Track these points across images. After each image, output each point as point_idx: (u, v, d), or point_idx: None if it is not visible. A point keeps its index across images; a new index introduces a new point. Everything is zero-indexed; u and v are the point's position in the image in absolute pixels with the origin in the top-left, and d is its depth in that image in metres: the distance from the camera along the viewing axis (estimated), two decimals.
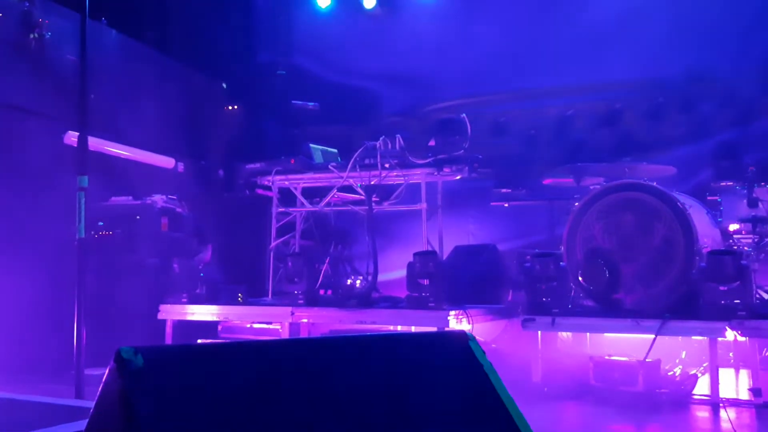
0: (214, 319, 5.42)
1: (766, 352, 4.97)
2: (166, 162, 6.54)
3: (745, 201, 4.81)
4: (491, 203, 6.91)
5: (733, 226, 4.92)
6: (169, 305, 5.39)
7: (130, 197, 5.79)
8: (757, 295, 4.66)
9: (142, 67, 6.56)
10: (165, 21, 6.95)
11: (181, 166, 6.56)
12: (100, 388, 1.09)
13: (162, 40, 6.84)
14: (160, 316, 5.39)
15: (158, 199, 5.68)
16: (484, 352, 1.35)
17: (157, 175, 6.42)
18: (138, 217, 5.63)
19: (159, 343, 5.23)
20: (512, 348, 5.31)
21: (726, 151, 5.09)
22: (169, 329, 5.37)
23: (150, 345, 1.15)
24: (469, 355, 1.33)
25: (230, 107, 7.51)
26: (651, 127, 5.48)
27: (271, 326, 5.38)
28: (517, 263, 5.73)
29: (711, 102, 5.27)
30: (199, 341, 5.31)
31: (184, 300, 5.34)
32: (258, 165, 5.76)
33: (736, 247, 4.81)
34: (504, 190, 7.00)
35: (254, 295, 5.78)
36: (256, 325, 5.46)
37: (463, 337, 1.36)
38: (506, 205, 6.96)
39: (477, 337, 4.77)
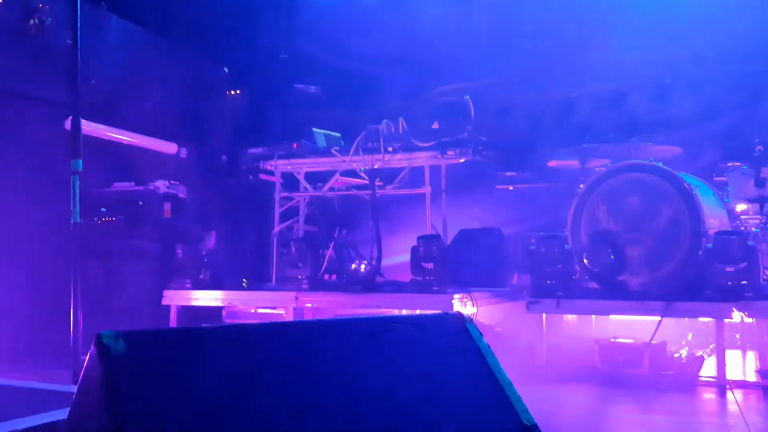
0: (219, 304, 5.42)
1: None
2: (168, 147, 6.51)
3: (752, 181, 4.75)
4: (496, 186, 6.86)
5: (741, 207, 4.86)
6: (173, 291, 5.39)
7: (133, 183, 5.78)
8: (765, 276, 4.62)
9: (144, 52, 6.52)
10: (166, 5, 6.89)
11: (183, 152, 6.53)
12: (81, 373, 1.06)
13: (163, 24, 6.79)
14: (164, 302, 5.39)
15: (161, 185, 5.66)
16: (481, 334, 1.33)
17: (159, 160, 6.40)
18: (141, 203, 5.61)
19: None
20: (517, 331, 5.29)
21: (733, 131, 5.02)
22: (173, 315, 5.37)
23: (132, 330, 1.13)
24: (467, 336, 1.31)
25: (233, 92, 7.46)
26: (657, 109, 5.42)
27: (275, 311, 5.38)
28: (522, 246, 5.69)
29: (718, 83, 5.19)
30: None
31: (188, 286, 5.34)
32: (260, 150, 5.74)
33: (743, 228, 4.76)
34: (509, 173, 6.95)
35: (258, 281, 5.78)
36: (260, 311, 5.46)
37: (460, 318, 1.33)
38: (511, 188, 6.91)
39: (482, 321, 4.75)
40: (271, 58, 7.79)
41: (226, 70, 7.53)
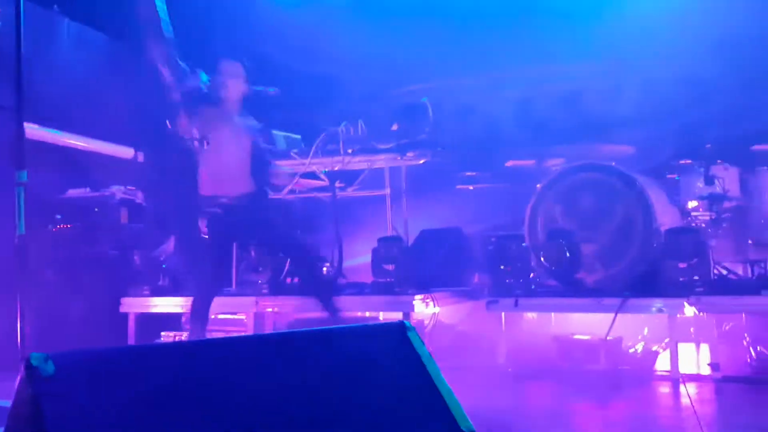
0: (179, 310, 5.36)
1: (725, 327, 5.07)
2: (124, 152, 6.41)
3: (702, 179, 4.88)
4: (456, 186, 6.91)
5: (692, 204, 4.99)
6: (131, 298, 5.31)
7: (88, 189, 5.68)
8: (715, 271, 4.74)
9: (98, 55, 6.41)
10: (120, 8, 6.78)
11: (140, 156, 6.43)
12: (14, 395, 1.05)
13: (118, 28, 6.68)
14: (122, 310, 5.32)
15: (117, 191, 5.58)
16: (422, 342, 1.34)
17: (116, 165, 6.30)
18: (96, 209, 5.53)
19: (121, 338, 5.16)
20: (478, 330, 5.35)
21: (684, 130, 5.15)
22: (131, 323, 5.30)
23: (63, 351, 1.12)
24: (408, 345, 1.32)
25: None
26: (610, 108, 5.52)
27: (235, 316, 5.34)
28: (481, 246, 5.76)
29: (668, 83, 5.31)
30: (162, 334, 5.26)
31: (147, 292, 5.27)
32: None
33: (694, 225, 4.88)
34: (469, 174, 7.00)
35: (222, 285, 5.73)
36: (220, 316, 5.41)
37: (401, 327, 1.34)
38: (471, 188, 6.96)
39: (444, 320, 4.77)
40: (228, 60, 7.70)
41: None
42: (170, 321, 5.45)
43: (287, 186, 5.58)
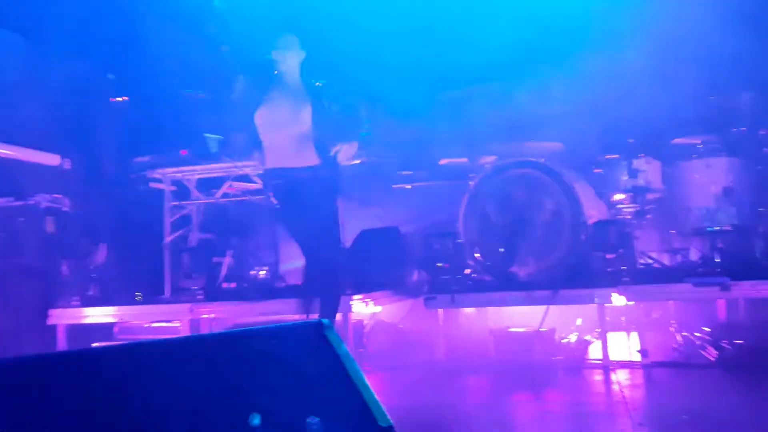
0: (110, 320, 5.22)
1: (654, 314, 5.25)
2: (50, 159, 6.19)
3: (626, 172, 5.04)
4: (393, 186, 6.94)
5: (617, 197, 5.15)
6: (59, 309, 5.14)
7: (12, 198, 5.46)
8: (641, 261, 4.91)
9: (18, 59, 6.17)
10: (43, 9, 6.55)
11: (67, 163, 6.23)
12: None
13: (39, 30, 6.45)
14: (50, 322, 5.14)
15: (42, 199, 5.38)
16: (341, 341, 1.35)
17: (41, 173, 6.07)
18: (21, 219, 5.32)
19: (50, 350, 4.98)
20: (418, 327, 5.40)
21: (608, 125, 5.31)
22: (61, 334, 5.12)
23: None
24: (325, 344, 1.32)
25: (119, 98, 7.18)
26: (540, 106, 5.64)
27: (170, 324, 5.23)
28: (419, 244, 5.80)
29: (593, 80, 5.47)
30: (94, 345, 5.10)
31: (76, 303, 5.11)
32: (148, 158, 5.56)
33: (619, 217, 5.04)
34: (405, 172, 7.05)
35: (155, 293, 5.60)
36: (155, 324, 5.29)
37: (318, 326, 1.34)
38: (409, 186, 7.01)
39: (384, 319, 4.79)
40: (159, 63, 7.55)
41: (111, 76, 7.23)
42: (102, 331, 5.30)
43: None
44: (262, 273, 5.71)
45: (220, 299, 4.99)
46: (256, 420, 1.23)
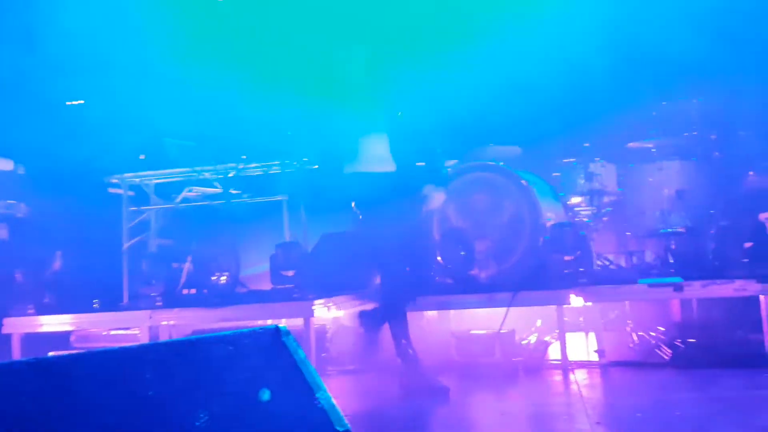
0: (67, 328, 5.11)
1: (611, 315, 5.37)
2: (3, 164, 6.05)
3: (582, 175, 5.15)
4: None
5: (574, 200, 5.25)
6: (13, 318, 5.01)
7: None
8: (598, 263, 5.02)
9: None
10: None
11: (21, 168, 6.09)
12: None
13: None
14: (4, 331, 5.01)
15: None
16: (298, 345, 1.36)
17: None
18: None
19: (4, 359, 4.86)
20: (382, 330, 5.40)
21: (565, 130, 5.42)
22: (16, 344, 5.00)
23: None
24: (283, 350, 1.33)
25: (75, 102, 7.04)
26: (498, 110, 5.72)
27: (129, 332, 5.15)
28: None
29: (549, 86, 5.57)
30: (50, 354, 4.99)
31: (31, 311, 4.99)
32: (105, 162, 5.47)
33: (576, 219, 5.15)
34: None
35: (113, 301, 5.51)
36: (113, 332, 5.20)
37: (275, 332, 1.35)
38: None
39: (346, 323, 4.78)
40: (117, 64, 7.42)
41: (65, 78, 7.08)
42: (58, 340, 5.19)
43: None
44: (223, 279, 5.66)
45: (179, 305, 4.93)
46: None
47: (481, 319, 5.13)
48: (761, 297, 4.13)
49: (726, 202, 5.00)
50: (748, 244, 4.24)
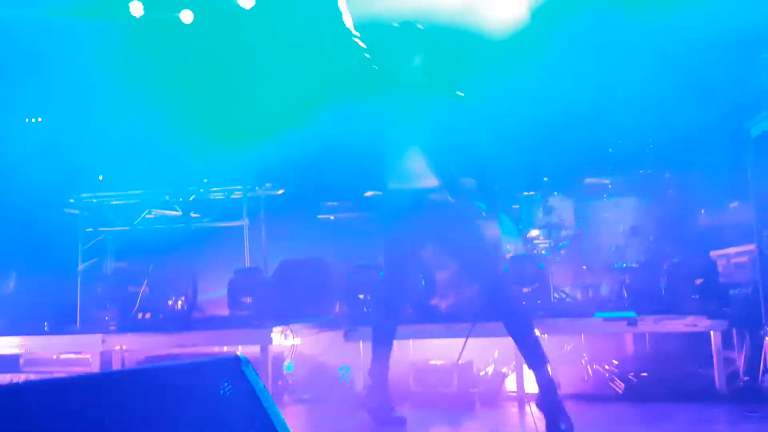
0: (16, 351, 4.95)
1: (566, 347, 5.43)
2: None
3: (541, 209, 5.25)
4: (317, 216, 6.94)
5: (534, 232, 5.34)
6: None
7: None
8: (555, 295, 5.09)
9: None
10: None
11: None
12: None
13: None
14: None
15: None
16: (257, 376, 1.35)
17: None
18: None
19: None
20: (339, 360, 5.37)
21: (525, 165, 5.52)
22: None
23: None
24: (243, 380, 1.32)
25: (32, 119, 6.91)
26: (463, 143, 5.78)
27: (80, 356, 5.02)
28: (342, 275, 5.81)
29: (510, 122, 5.68)
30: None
31: None
32: (62, 181, 5.38)
33: (535, 252, 5.23)
34: (330, 203, 7.06)
35: (66, 323, 5.37)
36: (63, 356, 5.06)
37: (235, 362, 1.34)
38: (332, 217, 7.02)
39: (304, 351, 4.73)
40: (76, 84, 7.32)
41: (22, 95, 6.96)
42: (6, 363, 5.02)
43: None
44: (179, 303, 5.58)
45: (133, 330, 4.83)
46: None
47: (439, 349, 5.14)
48: (711, 333, 4.24)
49: (678, 239, 5.15)
50: (698, 281, 4.36)
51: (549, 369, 3.65)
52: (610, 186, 5.50)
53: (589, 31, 5.70)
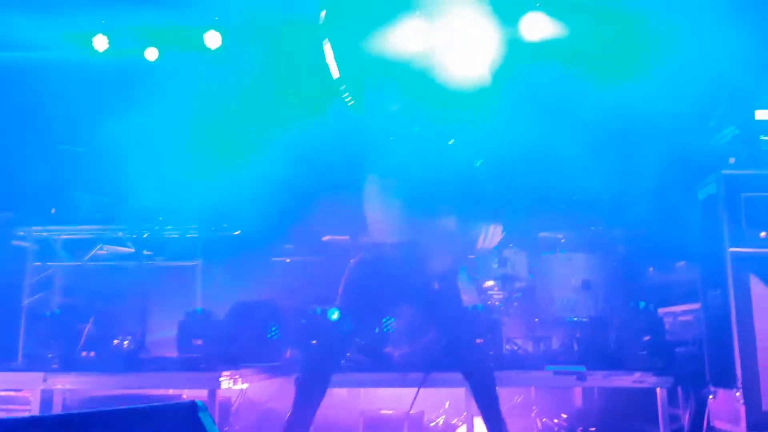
0: None
1: (517, 399, 5.46)
2: None
3: (496, 260, 5.33)
4: (272, 258, 6.88)
5: (488, 283, 5.41)
6: None
7: None
8: (507, 347, 5.13)
9: None
10: None
11: None
12: None
13: None
14: None
15: None
16: (213, 422, 1.33)
17: None
18: None
19: None
20: (287, 406, 5.27)
21: (481, 216, 5.60)
22: None
23: None
24: (199, 426, 1.30)
25: None
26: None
27: (20, 394, 4.81)
28: (295, 320, 5.75)
29: (474, 175, 5.79)
30: None
31: None
32: (11, 213, 5.24)
33: (489, 302, 5.28)
34: (287, 246, 7.02)
35: (6, 359, 5.16)
36: (2, 393, 4.84)
37: (192, 408, 1.32)
38: (288, 260, 6.97)
39: (252, 397, 4.64)
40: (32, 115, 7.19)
41: None
42: None
43: None
44: (126, 343, 5.42)
45: (77, 369, 4.66)
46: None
47: (390, 399, 5.10)
48: (658, 389, 4.32)
49: (627, 295, 5.27)
50: (646, 338, 4.46)
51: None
52: (563, 241, 5.63)
53: (547, 92, 5.91)
